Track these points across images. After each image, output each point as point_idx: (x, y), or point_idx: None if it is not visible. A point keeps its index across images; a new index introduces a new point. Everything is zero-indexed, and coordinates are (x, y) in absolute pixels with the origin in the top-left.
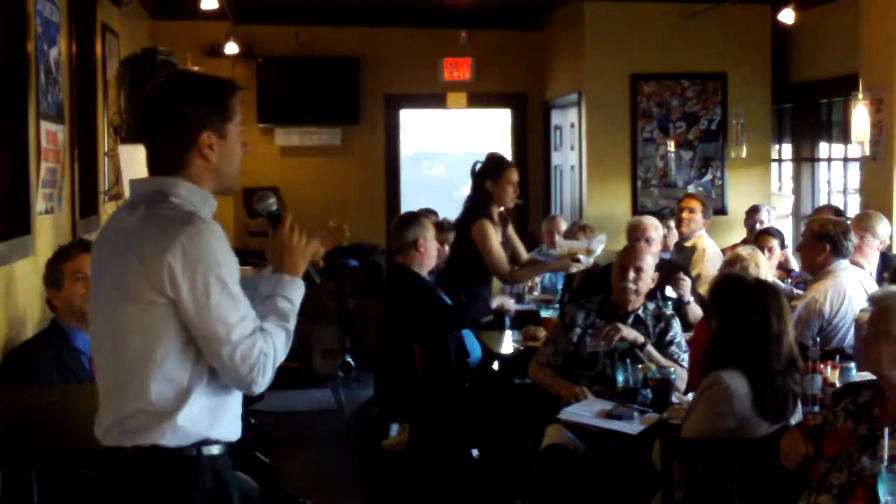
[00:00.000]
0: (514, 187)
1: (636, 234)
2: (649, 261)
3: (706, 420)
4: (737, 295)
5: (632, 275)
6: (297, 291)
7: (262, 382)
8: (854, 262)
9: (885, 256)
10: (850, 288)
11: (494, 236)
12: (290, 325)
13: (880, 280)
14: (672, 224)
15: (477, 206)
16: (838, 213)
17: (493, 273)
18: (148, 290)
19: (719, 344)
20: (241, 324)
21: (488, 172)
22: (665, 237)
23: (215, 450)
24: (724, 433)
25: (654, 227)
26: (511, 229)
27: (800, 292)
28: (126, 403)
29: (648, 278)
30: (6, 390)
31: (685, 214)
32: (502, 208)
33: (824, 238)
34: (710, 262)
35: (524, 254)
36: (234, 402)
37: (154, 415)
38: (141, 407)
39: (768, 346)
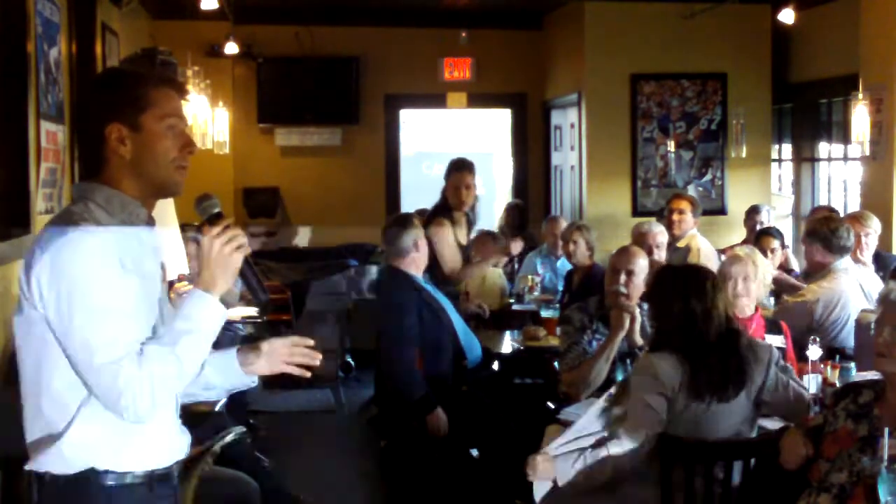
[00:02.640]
0: (460, 190)
1: (645, 241)
2: (641, 264)
3: (637, 401)
4: (659, 285)
5: (623, 278)
6: (204, 309)
7: (141, 410)
8: (857, 261)
9: (878, 255)
10: (848, 290)
11: (445, 237)
12: (183, 348)
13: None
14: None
15: (438, 206)
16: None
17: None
18: (26, 304)
19: (653, 332)
20: (106, 347)
21: (446, 173)
22: None
23: (125, 479)
24: (657, 413)
25: (661, 234)
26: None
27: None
28: (28, 423)
29: (641, 281)
30: (9, 388)
31: (675, 216)
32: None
33: (813, 237)
34: (705, 260)
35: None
36: (146, 428)
37: (45, 437)
38: (35, 427)
39: (694, 326)
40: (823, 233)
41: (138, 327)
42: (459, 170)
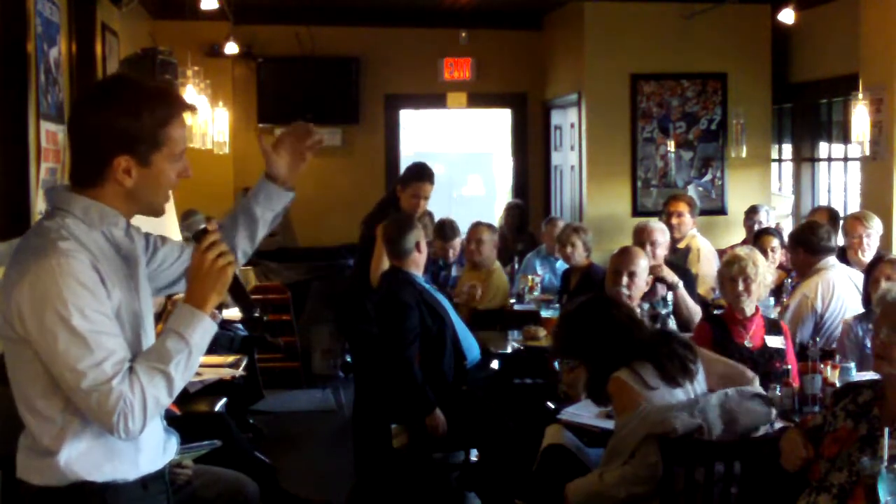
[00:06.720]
0: (417, 200)
1: (642, 238)
2: (643, 265)
3: (645, 418)
4: (575, 321)
5: (625, 279)
6: (195, 326)
7: (133, 428)
8: (858, 262)
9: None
10: (840, 284)
11: None
12: (173, 366)
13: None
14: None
15: (386, 206)
16: (833, 214)
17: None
18: (5, 325)
19: (606, 362)
20: (94, 369)
21: (403, 178)
22: None
23: (117, 482)
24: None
25: (660, 232)
26: None
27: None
28: (21, 436)
29: (642, 282)
30: (7, 389)
31: (674, 219)
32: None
33: (795, 242)
34: (706, 260)
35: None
36: (133, 440)
37: (34, 452)
38: (25, 443)
39: (630, 331)
40: (805, 236)
41: (124, 345)
42: (421, 179)
